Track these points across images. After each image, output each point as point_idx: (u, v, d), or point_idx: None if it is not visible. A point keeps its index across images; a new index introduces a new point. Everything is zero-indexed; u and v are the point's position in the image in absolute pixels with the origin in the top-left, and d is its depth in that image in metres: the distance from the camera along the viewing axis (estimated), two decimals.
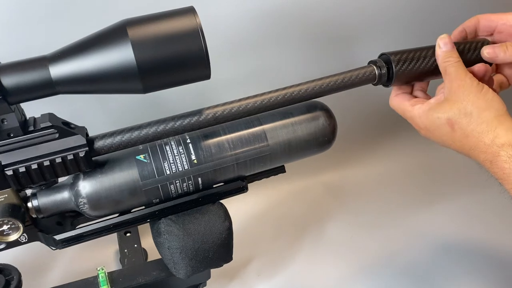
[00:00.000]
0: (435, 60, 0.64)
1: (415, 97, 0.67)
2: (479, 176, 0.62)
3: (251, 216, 1.07)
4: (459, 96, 0.58)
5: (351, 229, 1.04)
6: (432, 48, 0.64)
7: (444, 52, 0.61)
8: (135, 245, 0.91)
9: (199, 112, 0.58)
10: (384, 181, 1.17)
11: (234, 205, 0.71)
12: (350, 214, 1.08)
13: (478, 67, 0.63)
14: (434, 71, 0.64)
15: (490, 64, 0.65)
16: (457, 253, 0.97)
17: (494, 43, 0.67)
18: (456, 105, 0.58)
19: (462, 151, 0.60)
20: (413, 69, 0.63)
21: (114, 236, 0.94)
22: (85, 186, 0.57)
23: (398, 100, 0.66)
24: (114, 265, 0.95)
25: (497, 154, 0.55)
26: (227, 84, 0.91)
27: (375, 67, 0.64)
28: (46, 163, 0.52)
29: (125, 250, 0.90)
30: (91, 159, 0.55)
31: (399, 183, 1.16)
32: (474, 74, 0.61)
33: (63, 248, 0.60)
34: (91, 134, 0.56)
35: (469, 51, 0.65)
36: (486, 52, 0.64)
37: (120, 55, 0.47)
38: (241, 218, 1.05)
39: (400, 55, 0.63)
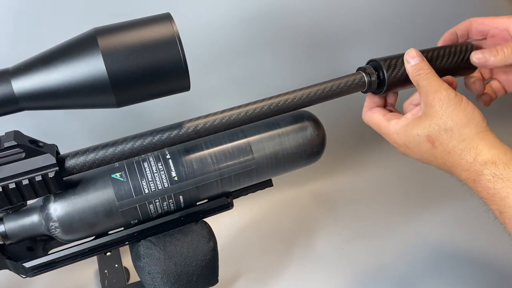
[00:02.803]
0: None
1: (389, 111, 0.64)
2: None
3: (236, 230, 1.03)
4: (437, 111, 0.55)
5: (342, 240, 1.01)
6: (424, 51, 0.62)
7: (413, 66, 0.59)
8: (116, 265, 0.87)
9: (179, 125, 0.54)
10: (374, 189, 1.14)
11: (218, 219, 0.67)
12: (340, 224, 1.05)
13: (446, 79, 0.60)
14: None
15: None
16: (449, 262, 0.95)
17: (479, 47, 0.66)
18: (435, 121, 0.55)
19: (443, 168, 0.57)
20: (404, 75, 0.61)
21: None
22: (56, 209, 0.52)
23: (371, 114, 0.63)
24: (94, 287, 0.90)
25: (481, 173, 0.52)
26: (210, 94, 0.88)
27: (364, 74, 0.61)
28: (12, 185, 0.48)
29: (105, 271, 0.86)
30: (62, 180, 0.51)
31: (389, 191, 1.14)
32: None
33: (34, 275, 0.56)
34: (66, 149, 0.52)
35: (450, 55, 0.63)
36: (476, 58, 0.61)
37: (89, 67, 0.44)
38: (225, 232, 1.01)
39: (390, 60, 0.61)
